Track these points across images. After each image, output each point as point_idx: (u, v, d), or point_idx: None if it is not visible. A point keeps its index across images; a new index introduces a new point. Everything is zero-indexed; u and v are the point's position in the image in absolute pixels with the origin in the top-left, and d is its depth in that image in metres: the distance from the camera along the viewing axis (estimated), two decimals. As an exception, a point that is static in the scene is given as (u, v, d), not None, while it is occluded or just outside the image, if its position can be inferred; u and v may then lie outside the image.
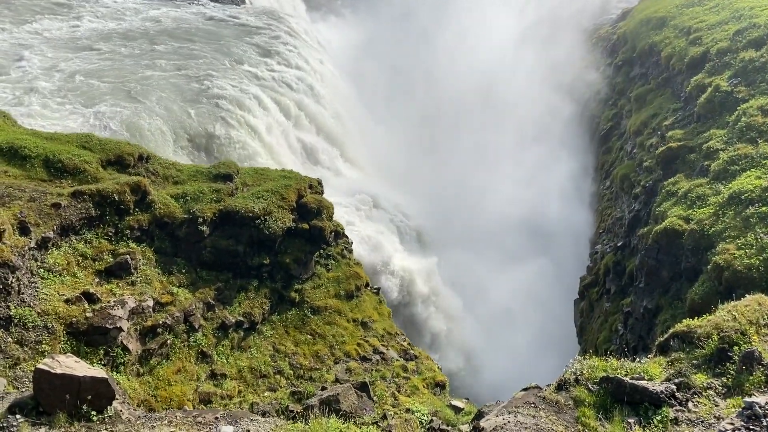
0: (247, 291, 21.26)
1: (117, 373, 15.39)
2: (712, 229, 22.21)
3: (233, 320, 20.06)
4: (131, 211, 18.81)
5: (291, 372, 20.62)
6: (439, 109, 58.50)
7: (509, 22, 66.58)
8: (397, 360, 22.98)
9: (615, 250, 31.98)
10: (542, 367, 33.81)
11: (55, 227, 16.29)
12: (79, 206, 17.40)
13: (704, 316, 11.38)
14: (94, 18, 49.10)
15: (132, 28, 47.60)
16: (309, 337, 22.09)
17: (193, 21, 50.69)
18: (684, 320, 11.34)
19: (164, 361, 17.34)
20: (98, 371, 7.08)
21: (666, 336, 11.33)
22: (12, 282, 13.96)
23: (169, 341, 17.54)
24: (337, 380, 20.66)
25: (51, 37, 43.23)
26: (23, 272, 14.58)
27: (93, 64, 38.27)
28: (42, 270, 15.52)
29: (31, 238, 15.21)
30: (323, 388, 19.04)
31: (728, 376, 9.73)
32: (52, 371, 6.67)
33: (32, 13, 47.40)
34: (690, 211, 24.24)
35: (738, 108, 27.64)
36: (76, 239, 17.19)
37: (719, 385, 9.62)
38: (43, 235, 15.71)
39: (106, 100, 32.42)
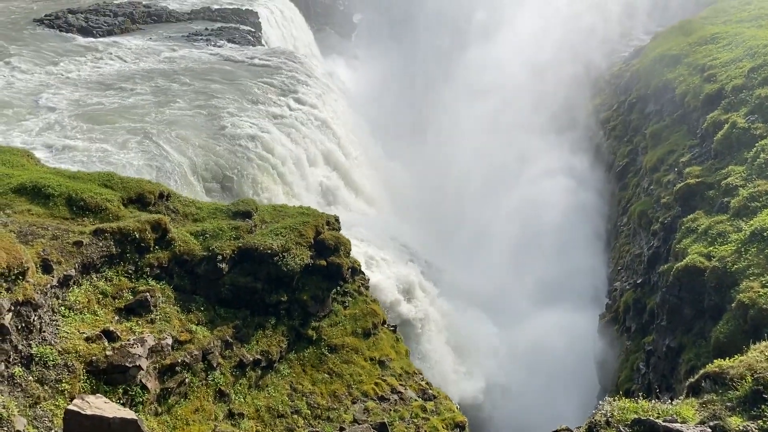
0: (264, 329, 21.13)
1: (135, 412, 15.23)
2: (735, 266, 21.91)
3: (251, 358, 19.90)
4: (151, 248, 18.90)
5: (308, 412, 20.33)
6: (455, 147, 58.90)
7: (522, 59, 67.31)
8: (416, 400, 22.62)
9: (634, 287, 31.61)
10: (561, 407, 33.26)
11: (76, 265, 16.38)
12: (101, 244, 17.51)
13: (735, 356, 11.16)
14: (116, 59, 50.28)
15: (152, 68, 48.61)
16: (326, 376, 21.84)
17: (212, 61, 51.70)
18: (715, 361, 11.11)
19: (182, 400, 17.18)
20: (128, 412, 7.02)
21: (697, 377, 11.09)
22: (34, 320, 13.99)
23: (187, 380, 17.40)
24: (355, 420, 20.34)
25: (73, 78, 44.24)
26: (45, 310, 14.61)
27: (114, 103, 39.02)
28: (63, 308, 15.55)
29: (53, 276, 15.28)
30: (341, 429, 18.76)
31: (764, 418, 9.46)
32: (83, 412, 6.62)
33: (57, 56, 48.66)
34: (711, 248, 23.97)
35: (756, 144, 27.56)
36: (96, 277, 17.26)
37: (755, 429, 9.35)
38: (65, 273, 15.79)
39: (127, 138, 32.93)
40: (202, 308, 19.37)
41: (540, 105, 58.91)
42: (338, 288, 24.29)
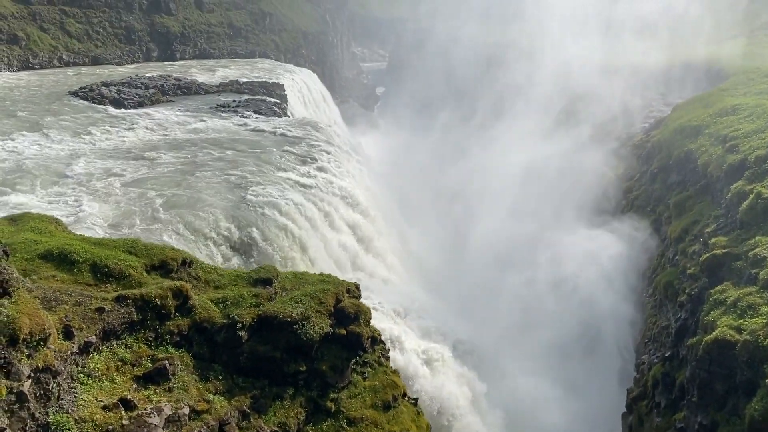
0: (282, 399, 20.72)
1: (149, 485, 14.87)
2: (767, 340, 21.22)
3: (268, 430, 19.45)
4: (172, 315, 18.88)
5: (326, 488, 19.66)
6: (474, 217, 59.04)
7: (541, 129, 68.16)
8: (437, 477, 21.80)
9: (663, 360, 30.65)
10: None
11: (97, 332, 16.39)
12: (122, 311, 17.55)
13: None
14: (145, 129, 51.92)
15: (179, 137, 50.06)
16: (344, 450, 21.20)
17: (238, 131, 53.13)
18: (751, 441, 10.61)
19: (197, 473, 16.73)
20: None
21: (733, 458, 10.58)
22: (53, 387, 13.90)
23: (202, 452, 17.00)
24: (373, 498, 19.58)
25: (103, 147, 45.66)
26: (64, 377, 14.53)
27: (142, 172, 40.02)
28: (82, 375, 15.47)
29: (74, 343, 15.28)
30: (360, 507, 18.06)
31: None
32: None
33: (89, 126, 50.43)
34: (741, 321, 23.29)
35: (783, 215, 27.20)
36: (117, 344, 17.22)
37: None
38: (86, 339, 15.79)
39: (153, 205, 33.54)
40: (221, 377, 19.14)
41: (560, 175, 59.14)
42: (358, 358, 23.87)
